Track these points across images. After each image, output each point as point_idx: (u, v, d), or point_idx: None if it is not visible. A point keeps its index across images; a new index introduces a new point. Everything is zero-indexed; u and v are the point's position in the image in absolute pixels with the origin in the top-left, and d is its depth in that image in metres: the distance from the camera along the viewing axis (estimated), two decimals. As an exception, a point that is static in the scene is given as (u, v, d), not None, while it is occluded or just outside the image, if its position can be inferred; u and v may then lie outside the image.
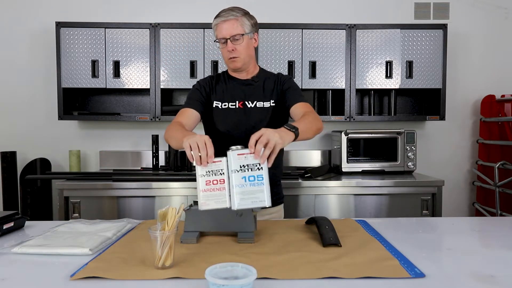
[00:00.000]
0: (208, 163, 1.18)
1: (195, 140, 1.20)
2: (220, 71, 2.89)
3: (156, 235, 1.04)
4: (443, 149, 3.30)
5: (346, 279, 0.98)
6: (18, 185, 3.01)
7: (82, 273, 1.01)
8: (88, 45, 2.88)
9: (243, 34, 1.63)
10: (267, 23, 2.93)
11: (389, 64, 2.94)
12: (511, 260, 1.14)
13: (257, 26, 1.72)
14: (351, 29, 2.92)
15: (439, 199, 2.65)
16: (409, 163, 2.90)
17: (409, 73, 2.95)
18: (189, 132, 1.42)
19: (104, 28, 2.88)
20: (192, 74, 2.90)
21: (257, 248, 1.22)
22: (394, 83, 2.96)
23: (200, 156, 1.18)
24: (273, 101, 1.71)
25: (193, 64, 2.90)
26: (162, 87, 2.91)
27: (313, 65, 2.92)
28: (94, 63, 2.88)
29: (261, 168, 1.16)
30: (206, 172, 1.18)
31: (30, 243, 1.23)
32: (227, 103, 1.71)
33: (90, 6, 3.17)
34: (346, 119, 2.95)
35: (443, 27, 2.95)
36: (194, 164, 1.20)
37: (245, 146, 1.19)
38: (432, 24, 3.00)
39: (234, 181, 1.15)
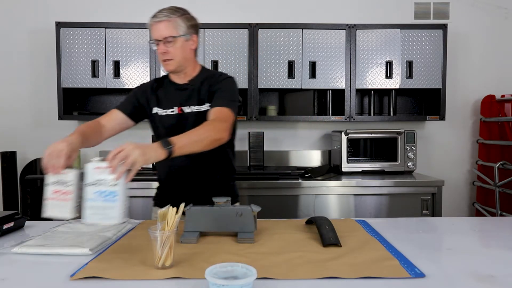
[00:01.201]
0: (55, 172, 1.19)
1: (53, 147, 1.22)
2: (220, 70, 2.89)
3: (156, 235, 1.04)
4: (443, 149, 3.30)
5: (346, 279, 0.98)
6: (18, 185, 3.01)
7: (82, 273, 1.01)
8: (88, 45, 2.88)
9: (175, 36, 1.56)
10: (267, 23, 2.93)
11: (389, 64, 2.94)
12: (511, 260, 1.14)
13: (196, 28, 1.65)
14: (351, 29, 2.92)
15: (439, 199, 2.65)
16: (409, 163, 2.90)
17: (409, 73, 2.95)
18: (68, 137, 1.33)
19: (104, 28, 2.88)
20: (192, 74, 2.90)
21: (257, 248, 1.22)
22: (394, 83, 2.96)
23: (53, 164, 1.20)
24: (208, 104, 1.63)
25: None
26: (162, 87, 2.91)
27: (313, 65, 2.92)
28: (94, 63, 2.88)
29: (117, 184, 1.12)
30: (55, 182, 1.18)
31: (30, 243, 1.23)
32: (167, 110, 1.66)
33: (90, 6, 3.17)
34: (346, 119, 2.95)
35: (443, 27, 2.95)
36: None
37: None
38: (432, 24, 3.00)
39: (87, 194, 1.12)
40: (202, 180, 1.67)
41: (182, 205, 1.15)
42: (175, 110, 1.65)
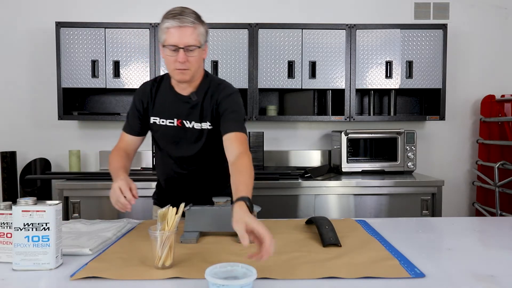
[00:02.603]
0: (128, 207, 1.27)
1: (116, 189, 1.37)
2: (220, 70, 2.90)
3: (156, 235, 1.04)
4: (443, 149, 3.30)
5: (346, 279, 0.98)
6: (18, 185, 3.01)
7: (82, 273, 1.01)
8: (88, 45, 2.88)
9: (199, 46, 1.44)
10: (267, 23, 2.93)
11: (389, 64, 2.94)
12: (511, 260, 1.14)
13: (208, 35, 1.54)
14: (351, 29, 2.92)
15: (439, 199, 2.65)
16: (409, 163, 2.90)
17: (409, 73, 2.95)
18: (120, 178, 1.45)
19: (104, 28, 2.88)
20: (192, 74, 2.90)
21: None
22: (394, 83, 2.96)
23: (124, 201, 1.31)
24: (210, 124, 1.56)
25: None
26: (162, 87, 2.90)
27: (313, 65, 2.92)
28: (94, 63, 2.88)
29: (48, 228, 1.05)
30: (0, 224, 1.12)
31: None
32: (165, 120, 1.58)
33: (90, 6, 3.17)
34: (346, 119, 2.95)
35: (443, 27, 2.95)
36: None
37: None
38: (432, 24, 2.99)
39: (15, 239, 1.05)
40: (200, 186, 1.66)
41: (182, 205, 1.15)
42: (175, 122, 1.58)
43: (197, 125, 1.56)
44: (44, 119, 3.17)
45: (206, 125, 1.56)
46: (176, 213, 1.10)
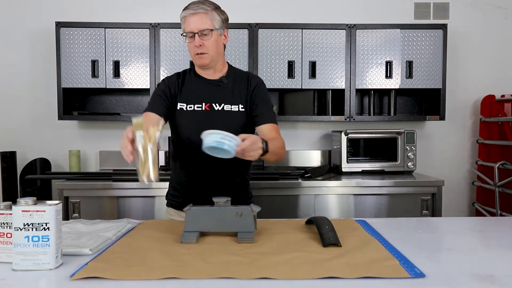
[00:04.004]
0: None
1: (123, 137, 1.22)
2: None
3: (138, 142, 1.05)
4: (443, 149, 3.30)
5: (346, 279, 0.98)
6: (18, 185, 3.01)
7: (82, 273, 1.01)
8: (88, 45, 2.88)
9: (212, 30, 1.53)
10: (267, 23, 2.93)
11: (389, 64, 2.94)
12: (511, 260, 1.14)
13: (227, 23, 1.63)
14: (351, 29, 2.92)
15: (439, 199, 2.65)
16: (409, 163, 2.90)
17: (409, 73, 2.95)
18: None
19: (104, 28, 2.88)
20: (192, 74, 2.90)
21: (257, 248, 1.21)
22: (394, 83, 2.96)
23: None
24: (242, 106, 1.60)
25: (193, 64, 2.90)
26: (162, 87, 2.90)
27: (313, 65, 2.92)
28: (94, 63, 2.88)
29: (48, 228, 1.04)
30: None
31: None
32: (192, 105, 1.60)
33: (90, 6, 3.17)
34: (346, 119, 2.95)
35: (443, 27, 2.95)
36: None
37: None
38: (432, 24, 2.99)
39: (15, 239, 1.05)
40: (221, 183, 1.64)
41: (162, 121, 1.24)
42: (203, 106, 1.60)
43: (227, 107, 1.60)
44: (44, 119, 3.17)
45: (237, 108, 1.61)
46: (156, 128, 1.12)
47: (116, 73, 2.89)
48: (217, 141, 1.22)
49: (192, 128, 1.59)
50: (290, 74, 2.91)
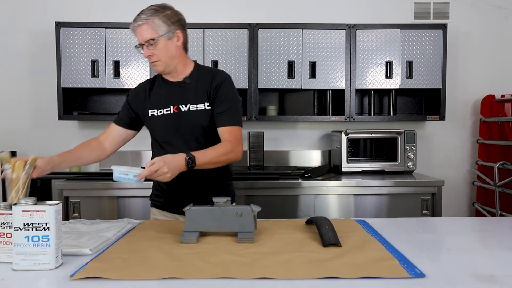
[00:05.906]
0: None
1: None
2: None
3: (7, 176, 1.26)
4: (443, 149, 3.30)
5: (346, 279, 0.98)
6: (18, 185, 3.00)
7: (82, 273, 1.01)
8: (88, 45, 2.88)
9: (154, 38, 1.55)
10: (267, 23, 2.93)
11: (389, 64, 2.94)
12: (511, 260, 1.14)
13: (180, 23, 1.61)
14: (351, 29, 2.92)
15: (439, 199, 2.65)
16: (409, 163, 2.90)
17: (409, 73, 2.95)
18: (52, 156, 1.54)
19: (104, 28, 2.88)
20: (192, 74, 2.90)
21: (257, 248, 1.21)
22: (394, 83, 2.96)
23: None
24: (208, 104, 1.61)
25: (193, 64, 2.90)
26: (162, 87, 2.90)
27: (313, 65, 2.92)
28: (94, 63, 2.88)
29: (48, 228, 1.05)
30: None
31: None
32: (162, 109, 1.63)
33: (90, 6, 3.16)
34: (346, 119, 2.95)
35: (443, 27, 2.95)
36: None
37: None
38: (432, 24, 2.99)
39: (15, 239, 1.05)
40: (198, 183, 1.66)
41: (35, 157, 1.36)
42: (171, 109, 1.63)
43: (192, 107, 1.61)
44: (44, 119, 3.17)
45: (202, 106, 1.61)
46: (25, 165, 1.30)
47: (116, 73, 2.89)
48: (119, 176, 1.38)
49: (164, 132, 1.65)
50: (290, 74, 2.91)
